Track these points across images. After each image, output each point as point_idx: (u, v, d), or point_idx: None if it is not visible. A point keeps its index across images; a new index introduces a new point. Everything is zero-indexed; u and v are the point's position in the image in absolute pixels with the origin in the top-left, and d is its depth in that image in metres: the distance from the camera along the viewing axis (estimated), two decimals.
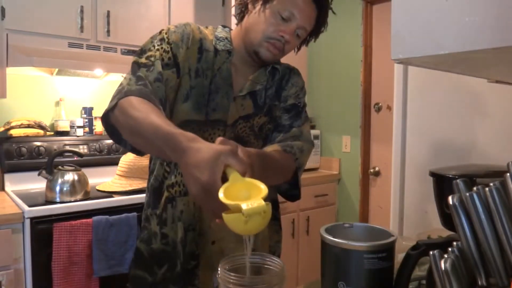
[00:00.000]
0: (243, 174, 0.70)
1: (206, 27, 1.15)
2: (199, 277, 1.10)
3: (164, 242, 1.12)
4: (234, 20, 1.19)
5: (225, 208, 0.66)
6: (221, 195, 0.65)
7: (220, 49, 1.10)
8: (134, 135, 0.89)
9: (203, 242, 1.10)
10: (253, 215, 0.63)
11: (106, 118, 0.94)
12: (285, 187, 1.14)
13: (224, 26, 1.17)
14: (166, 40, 1.03)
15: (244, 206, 0.63)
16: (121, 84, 0.97)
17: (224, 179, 0.69)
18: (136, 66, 1.00)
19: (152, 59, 1.00)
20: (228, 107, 1.10)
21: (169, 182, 1.12)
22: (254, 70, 1.15)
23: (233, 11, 1.21)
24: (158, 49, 1.02)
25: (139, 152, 0.97)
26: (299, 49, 1.18)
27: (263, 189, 0.67)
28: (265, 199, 0.66)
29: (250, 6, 1.09)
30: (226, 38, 1.12)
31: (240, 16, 1.13)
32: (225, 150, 0.70)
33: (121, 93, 0.92)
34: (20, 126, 2.25)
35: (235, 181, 0.68)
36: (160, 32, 1.06)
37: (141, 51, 1.03)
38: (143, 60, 1.00)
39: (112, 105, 0.92)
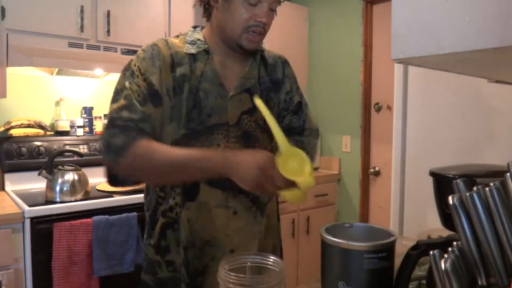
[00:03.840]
0: None
1: (177, 36, 1.11)
2: None
3: (171, 269, 1.07)
4: None
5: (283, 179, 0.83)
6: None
7: (196, 52, 1.06)
8: (161, 176, 0.97)
9: (219, 252, 1.05)
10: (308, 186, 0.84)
11: (110, 169, 0.99)
12: None
13: (194, 27, 1.14)
14: (137, 71, 1.01)
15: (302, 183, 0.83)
16: (103, 138, 0.97)
17: None
18: (115, 112, 0.98)
19: (129, 97, 0.98)
20: (226, 107, 1.06)
21: (165, 207, 1.07)
22: (243, 60, 1.12)
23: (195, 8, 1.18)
24: (131, 87, 0.99)
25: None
26: None
27: (305, 158, 0.86)
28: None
29: (211, 1, 1.06)
30: (198, 39, 1.08)
31: (207, 14, 1.10)
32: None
33: (113, 143, 0.94)
34: (20, 126, 2.25)
35: (282, 152, 0.87)
36: (129, 65, 1.03)
37: (117, 93, 1.00)
38: (122, 101, 0.98)
39: (113, 159, 0.95)
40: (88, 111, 2.54)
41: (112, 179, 1.01)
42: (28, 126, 2.28)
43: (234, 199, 1.08)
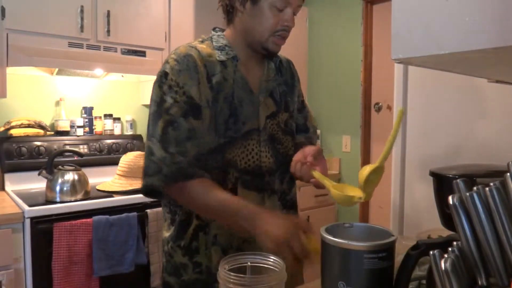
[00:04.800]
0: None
1: (202, 41, 1.11)
2: None
3: (197, 271, 1.09)
4: None
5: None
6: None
7: (226, 59, 1.08)
8: (201, 212, 1.06)
9: (257, 248, 1.07)
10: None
11: (150, 189, 1.04)
12: None
13: (215, 30, 1.14)
14: (175, 85, 1.00)
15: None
16: (151, 153, 1.00)
17: None
18: (159, 126, 1.00)
19: (172, 112, 0.99)
20: (258, 112, 1.10)
21: None
22: (260, 63, 1.15)
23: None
24: (172, 102, 1.00)
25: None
26: None
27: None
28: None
29: (238, 6, 1.06)
30: (226, 45, 1.10)
31: (230, 17, 1.11)
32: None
33: (162, 175, 0.99)
34: (20, 126, 2.25)
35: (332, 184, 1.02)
36: (166, 77, 1.02)
37: (157, 107, 1.01)
38: (165, 117, 0.99)
39: (155, 184, 1.01)
40: (88, 111, 2.54)
41: (149, 192, 1.07)
42: (28, 126, 2.28)
43: (269, 199, 1.13)
